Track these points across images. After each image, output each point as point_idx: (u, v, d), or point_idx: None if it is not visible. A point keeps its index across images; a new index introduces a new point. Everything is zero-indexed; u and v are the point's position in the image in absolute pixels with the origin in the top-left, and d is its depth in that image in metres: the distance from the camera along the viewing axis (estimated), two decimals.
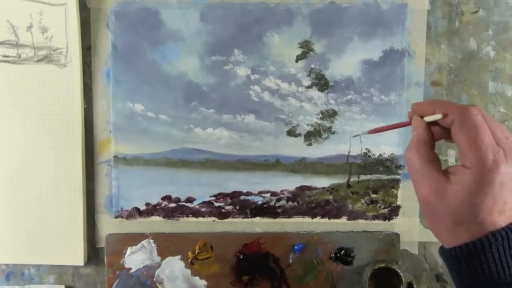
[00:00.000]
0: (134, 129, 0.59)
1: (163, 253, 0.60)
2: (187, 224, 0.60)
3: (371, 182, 0.60)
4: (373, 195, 0.60)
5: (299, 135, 0.59)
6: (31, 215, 0.59)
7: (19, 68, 0.57)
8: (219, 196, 0.60)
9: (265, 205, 0.60)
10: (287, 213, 0.60)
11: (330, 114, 0.59)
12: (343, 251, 0.59)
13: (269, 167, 0.60)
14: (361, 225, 0.60)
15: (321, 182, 0.60)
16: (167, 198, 0.60)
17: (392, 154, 0.59)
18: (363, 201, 0.60)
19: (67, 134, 0.58)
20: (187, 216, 0.60)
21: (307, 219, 0.60)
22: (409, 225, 0.60)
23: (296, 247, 0.59)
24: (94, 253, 0.61)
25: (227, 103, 0.59)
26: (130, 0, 0.58)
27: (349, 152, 0.59)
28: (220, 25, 0.58)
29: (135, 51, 0.58)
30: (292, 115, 0.59)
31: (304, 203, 0.60)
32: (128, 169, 0.59)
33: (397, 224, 0.60)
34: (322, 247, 0.59)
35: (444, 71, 0.59)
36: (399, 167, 0.59)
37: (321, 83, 0.59)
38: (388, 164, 0.59)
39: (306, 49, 0.58)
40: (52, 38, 0.57)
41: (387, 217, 0.60)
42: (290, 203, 0.60)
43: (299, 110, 0.59)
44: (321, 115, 0.59)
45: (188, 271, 0.60)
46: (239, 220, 0.60)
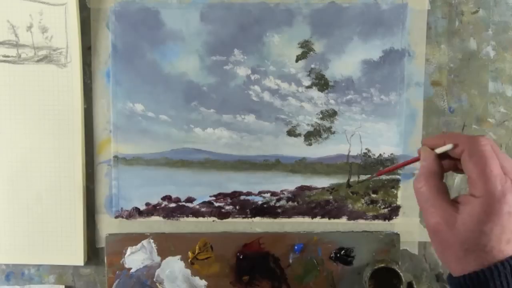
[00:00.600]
0: (134, 129, 0.59)
1: (163, 253, 0.60)
2: (187, 224, 0.60)
3: (371, 182, 0.60)
4: (373, 195, 0.60)
5: (299, 135, 0.59)
6: (31, 215, 0.59)
7: (19, 68, 0.57)
8: (219, 196, 0.60)
9: (265, 205, 0.60)
10: (287, 213, 0.60)
11: (330, 114, 0.59)
12: (343, 251, 0.59)
13: (269, 167, 0.60)
14: (361, 225, 0.60)
15: (321, 182, 0.60)
16: (167, 198, 0.60)
17: (392, 154, 0.59)
18: (363, 201, 0.60)
19: (67, 134, 0.58)
20: (187, 216, 0.60)
21: (307, 219, 0.60)
22: (409, 225, 0.60)
23: (296, 247, 0.59)
24: (94, 253, 0.61)
25: (227, 103, 0.59)
26: (130, 0, 0.58)
27: (349, 152, 0.59)
28: (220, 25, 0.58)
29: (135, 51, 0.58)
30: (292, 115, 0.59)
31: (304, 203, 0.60)
32: (128, 169, 0.59)
33: (397, 224, 0.60)
34: (322, 247, 0.59)
35: (444, 71, 0.59)
36: None
37: (321, 83, 0.59)
38: (388, 164, 0.59)
39: (306, 49, 0.58)
40: (52, 38, 0.57)
41: (387, 217, 0.60)
42: (290, 203, 0.60)
43: (299, 110, 0.59)
44: (321, 115, 0.59)
45: (188, 271, 0.60)
46: (239, 220, 0.60)
